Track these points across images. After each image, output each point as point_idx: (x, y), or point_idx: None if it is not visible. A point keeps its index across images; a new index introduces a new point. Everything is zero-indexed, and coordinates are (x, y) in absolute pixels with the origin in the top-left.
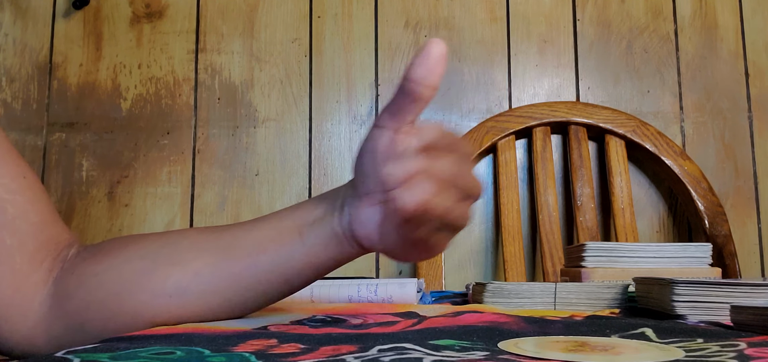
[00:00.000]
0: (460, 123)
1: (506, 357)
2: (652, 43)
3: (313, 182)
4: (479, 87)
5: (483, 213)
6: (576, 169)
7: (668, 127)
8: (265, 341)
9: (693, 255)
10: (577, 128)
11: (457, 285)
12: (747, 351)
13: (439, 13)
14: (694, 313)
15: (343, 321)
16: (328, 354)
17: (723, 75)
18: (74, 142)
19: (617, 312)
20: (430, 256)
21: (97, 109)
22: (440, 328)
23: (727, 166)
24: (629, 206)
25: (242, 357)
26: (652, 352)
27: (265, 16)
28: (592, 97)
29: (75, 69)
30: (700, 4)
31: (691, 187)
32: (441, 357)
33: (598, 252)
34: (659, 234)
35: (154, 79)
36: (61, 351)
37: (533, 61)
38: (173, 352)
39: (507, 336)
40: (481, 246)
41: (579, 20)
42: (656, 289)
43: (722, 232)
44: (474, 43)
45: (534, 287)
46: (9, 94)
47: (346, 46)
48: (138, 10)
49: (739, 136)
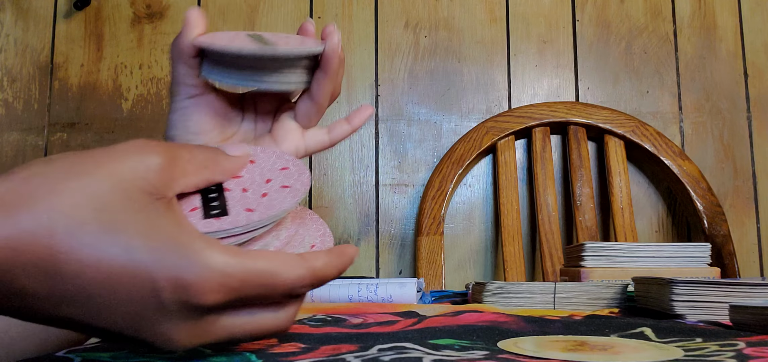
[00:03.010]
0: (459, 123)
1: (506, 356)
2: (651, 44)
3: (314, 182)
4: (479, 87)
5: (483, 214)
6: (575, 169)
7: (667, 127)
8: (265, 340)
9: (692, 255)
10: (576, 128)
11: (457, 285)
12: (746, 351)
13: (438, 14)
14: (693, 313)
15: (343, 320)
16: (328, 354)
17: (722, 75)
18: (75, 142)
19: (616, 312)
20: None
21: (98, 109)
22: (440, 328)
23: (726, 166)
24: (628, 206)
25: (243, 357)
26: (651, 352)
27: (266, 17)
28: (591, 97)
29: (76, 69)
30: (699, 5)
31: (690, 187)
32: (441, 356)
33: (597, 252)
34: (658, 234)
35: (155, 80)
36: (62, 351)
37: (533, 62)
38: (174, 352)
39: (506, 335)
40: (481, 246)
41: (578, 21)
42: (655, 289)
43: (721, 232)
44: (474, 44)
45: (533, 287)
46: (10, 94)
47: (346, 47)
48: (139, 10)
49: (737, 136)
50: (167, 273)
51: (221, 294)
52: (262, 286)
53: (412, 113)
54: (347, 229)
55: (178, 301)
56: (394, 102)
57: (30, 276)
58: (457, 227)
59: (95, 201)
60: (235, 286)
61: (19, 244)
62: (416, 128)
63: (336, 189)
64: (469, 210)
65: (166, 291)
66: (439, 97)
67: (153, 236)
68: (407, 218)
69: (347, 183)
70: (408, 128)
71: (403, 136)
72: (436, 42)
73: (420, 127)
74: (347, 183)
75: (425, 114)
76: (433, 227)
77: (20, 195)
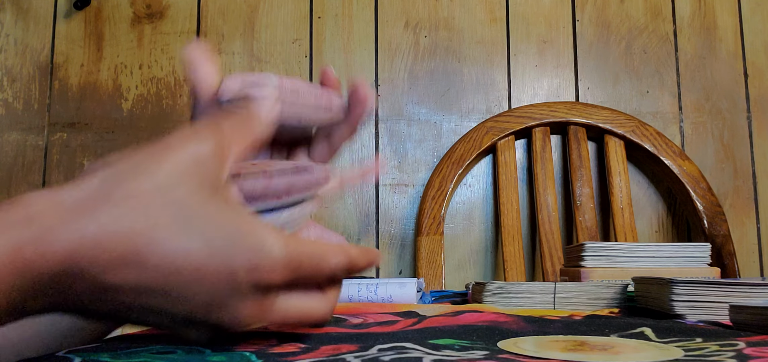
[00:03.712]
0: (459, 123)
1: (506, 356)
2: (651, 44)
3: None
4: (479, 87)
5: (483, 213)
6: (575, 169)
7: (667, 127)
8: (265, 340)
9: (692, 255)
10: (576, 128)
11: (457, 285)
12: (746, 351)
13: (438, 14)
14: (693, 313)
15: (343, 320)
16: (328, 354)
17: (722, 75)
18: (75, 142)
19: (616, 312)
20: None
21: (99, 109)
22: (440, 328)
23: (726, 166)
24: (628, 206)
25: (243, 357)
26: (651, 352)
27: (266, 17)
28: (591, 97)
29: (76, 69)
30: (699, 5)
31: (690, 187)
32: (441, 356)
33: (597, 252)
34: (658, 234)
35: (155, 80)
36: (62, 351)
37: (533, 62)
38: (174, 351)
39: (506, 335)
40: (481, 246)
41: (578, 21)
42: (655, 289)
43: (721, 232)
44: (474, 44)
45: (533, 287)
46: (10, 94)
47: (346, 47)
48: (139, 10)
49: (738, 136)
50: (241, 257)
51: (284, 274)
52: (313, 268)
53: (412, 113)
54: (347, 229)
55: (250, 282)
56: (394, 102)
57: (116, 270)
58: (457, 227)
59: (164, 198)
60: (294, 267)
61: (105, 242)
62: (416, 128)
63: None
64: (469, 210)
65: (240, 274)
66: (439, 97)
67: (224, 225)
68: (407, 218)
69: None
70: (408, 128)
71: (403, 136)
72: (436, 42)
73: (420, 127)
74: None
75: (425, 114)
76: (433, 227)
77: (98, 197)
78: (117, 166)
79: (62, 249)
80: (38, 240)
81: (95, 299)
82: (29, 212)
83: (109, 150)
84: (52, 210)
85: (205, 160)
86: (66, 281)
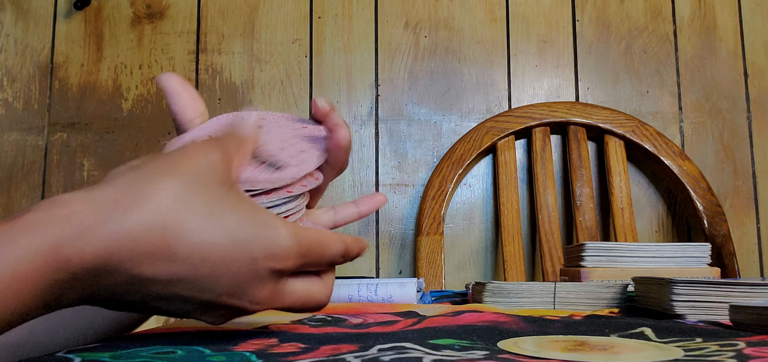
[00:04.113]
0: (459, 123)
1: (506, 356)
2: (651, 44)
3: None
4: (479, 87)
5: (483, 213)
6: (575, 169)
7: (667, 127)
8: (265, 340)
9: (692, 255)
10: (576, 128)
11: (457, 285)
12: (746, 351)
13: (438, 14)
14: (693, 313)
15: (343, 320)
16: (328, 354)
17: (722, 75)
18: (75, 141)
19: (616, 312)
20: None
21: (98, 109)
22: (440, 328)
23: (726, 166)
24: (628, 206)
25: (243, 357)
26: (651, 352)
27: (266, 17)
28: (591, 97)
29: (76, 69)
30: (699, 5)
31: (690, 187)
32: (441, 356)
33: (597, 252)
34: (658, 234)
35: (154, 80)
36: (62, 351)
37: (533, 62)
38: (174, 351)
39: (507, 335)
40: (481, 246)
41: (578, 21)
42: (655, 289)
43: (721, 232)
44: (474, 44)
45: (533, 287)
46: (10, 94)
47: (346, 47)
48: (139, 10)
49: (738, 136)
50: (260, 246)
51: (295, 261)
52: (318, 255)
53: (412, 113)
54: (347, 229)
55: (268, 268)
56: (394, 102)
57: (149, 262)
58: (457, 227)
59: (186, 196)
60: (304, 253)
61: (138, 237)
62: (416, 128)
63: (336, 189)
64: (469, 210)
65: (259, 261)
66: (439, 97)
67: (242, 218)
68: (407, 218)
69: (347, 183)
70: (408, 128)
71: (403, 136)
72: (436, 42)
73: (420, 127)
74: (347, 183)
75: (425, 114)
76: (433, 227)
77: (129, 196)
78: (142, 168)
79: (101, 245)
80: (77, 238)
81: (128, 291)
82: (67, 211)
83: (109, 150)
84: (89, 209)
85: (217, 164)
86: (102, 275)
